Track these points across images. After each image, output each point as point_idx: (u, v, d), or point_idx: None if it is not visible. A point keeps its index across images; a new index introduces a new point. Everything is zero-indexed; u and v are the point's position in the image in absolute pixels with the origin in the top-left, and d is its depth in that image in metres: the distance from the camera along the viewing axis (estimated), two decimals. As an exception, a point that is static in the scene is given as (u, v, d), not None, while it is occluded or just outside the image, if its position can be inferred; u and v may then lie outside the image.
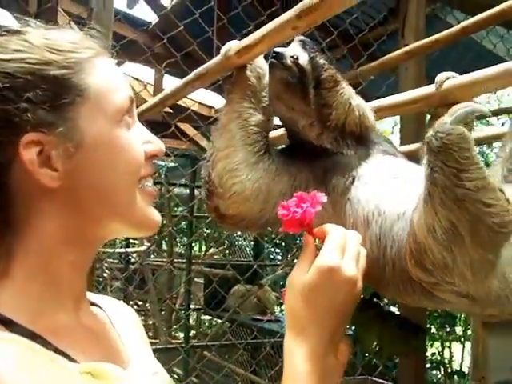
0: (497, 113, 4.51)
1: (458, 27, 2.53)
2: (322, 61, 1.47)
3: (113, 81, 0.97)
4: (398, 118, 4.12)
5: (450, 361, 7.26)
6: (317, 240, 1.07)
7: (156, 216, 1.03)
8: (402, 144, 3.10)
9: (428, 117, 1.67)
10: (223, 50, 1.56)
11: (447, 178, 1.12)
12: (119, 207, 0.96)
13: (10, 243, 0.90)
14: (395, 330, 1.34)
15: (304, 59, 1.45)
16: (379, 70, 3.21)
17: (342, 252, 1.01)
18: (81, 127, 0.90)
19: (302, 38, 1.50)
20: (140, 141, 0.99)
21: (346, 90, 1.50)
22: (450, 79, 1.55)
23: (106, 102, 0.94)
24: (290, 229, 1.04)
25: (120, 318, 1.13)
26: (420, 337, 1.36)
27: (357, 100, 1.52)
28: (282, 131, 1.84)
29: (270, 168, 1.50)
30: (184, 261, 5.68)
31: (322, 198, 1.04)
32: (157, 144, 1.02)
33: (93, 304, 1.08)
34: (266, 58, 1.55)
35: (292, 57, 1.44)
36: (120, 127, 0.95)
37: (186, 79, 1.84)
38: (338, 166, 1.45)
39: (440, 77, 1.57)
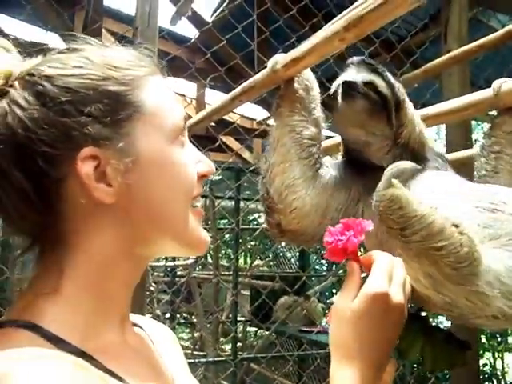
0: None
1: (502, 31, 2.50)
2: (396, 83, 1.49)
3: (168, 99, 0.98)
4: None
5: (503, 372, 7.05)
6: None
7: (206, 236, 1.02)
8: (448, 151, 3.06)
9: (474, 123, 1.67)
10: (270, 63, 1.58)
11: (397, 239, 1.20)
12: (172, 226, 0.96)
13: (60, 259, 0.90)
14: (439, 345, 1.33)
15: (381, 84, 1.45)
16: (423, 77, 3.19)
17: (389, 279, 1.00)
18: (137, 143, 0.91)
19: (360, 58, 1.49)
20: (193, 160, 0.99)
21: (410, 106, 1.52)
22: (506, 83, 1.55)
23: (162, 120, 0.95)
24: (334, 257, 1.04)
25: (160, 338, 1.13)
26: (466, 352, 1.34)
27: (416, 116, 1.54)
28: (332, 141, 1.85)
29: (328, 183, 1.52)
30: (230, 273, 5.71)
31: (369, 226, 1.03)
32: (207, 164, 1.02)
33: (133, 324, 1.08)
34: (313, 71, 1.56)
35: (367, 84, 1.44)
36: (175, 146, 0.96)
37: (232, 93, 1.86)
38: None
39: (497, 82, 1.56)
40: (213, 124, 5.62)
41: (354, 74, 1.46)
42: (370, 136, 1.48)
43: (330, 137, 1.70)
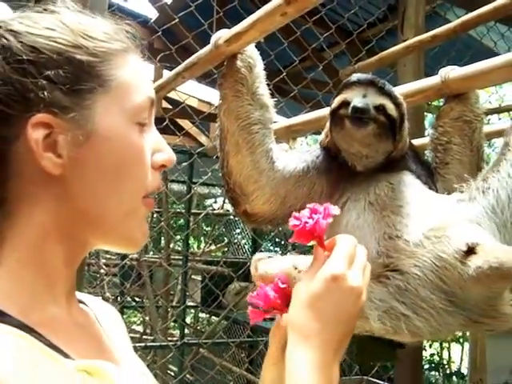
0: (498, 111, 4.48)
1: (457, 22, 2.49)
2: (398, 98, 1.49)
3: (137, 79, 0.94)
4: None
5: (449, 362, 7.21)
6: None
7: (146, 234, 0.98)
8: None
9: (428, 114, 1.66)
10: (213, 38, 1.54)
11: None
12: (113, 213, 0.91)
13: (1, 227, 0.86)
14: (367, 340, 1.37)
15: (390, 107, 1.45)
16: (377, 65, 3.18)
17: (349, 262, 0.99)
18: (94, 118, 0.87)
19: (368, 79, 1.48)
20: (152, 148, 0.95)
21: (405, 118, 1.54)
22: (453, 70, 1.54)
23: (126, 99, 0.91)
24: (301, 239, 1.03)
25: (105, 317, 1.09)
26: (396, 349, 1.39)
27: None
28: (278, 125, 1.83)
29: (289, 173, 1.57)
30: (180, 257, 5.65)
31: (335, 210, 1.03)
32: (168, 153, 0.98)
33: (79, 301, 1.04)
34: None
35: (377, 108, 1.43)
36: (135, 128, 0.91)
37: (176, 70, 1.81)
38: (354, 185, 1.51)
39: (445, 69, 1.56)
40: (169, 106, 5.56)
41: (361, 96, 1.44)
42: (372, 152, 1.49)
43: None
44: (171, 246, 6.51)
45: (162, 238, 7.88)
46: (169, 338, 5.36)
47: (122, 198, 0.91)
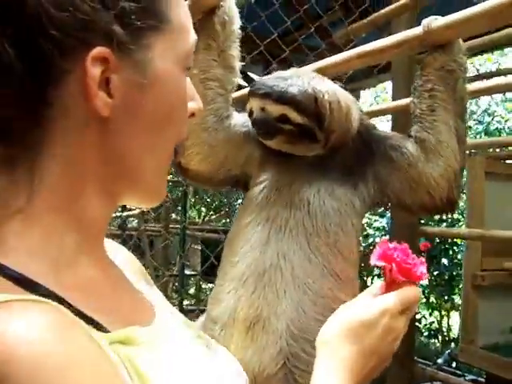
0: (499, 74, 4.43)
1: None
2: (321, 98, 1.39)
3: (188, 19, 0.87)
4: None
5: (448, 329, 7.26)
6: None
7: (166, 187, 0.94)
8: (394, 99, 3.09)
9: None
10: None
11: None
12: (157, 165, 0.86)
13: (31, 169, 0.75)
14: None
15: (293, 116, 1.38)
16: (371, 27, 3.15)
17: (404, 309, 1.00)
18: (152, 59, 0.79)
19: (263, 90, 1.40)
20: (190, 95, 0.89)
21: (342, 105, 1.45)
22: (436, 20, 1.52)
23: (181, 42, 0.83)
24: (396, 276, 0.99)
25: (123, 261, 1.00)
26: None
27: (349, 109, 1.47)
28: (241, 93, 1.83)
29: (233, 137, 1.55)
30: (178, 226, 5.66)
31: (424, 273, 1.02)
32: (198, 103, 0.91)
33: None
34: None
35: (278, 119, 1.38)
36: (183, 74, 0.85)
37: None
38: (280, 179, 1.48)
39: (427, 19, 1.54)
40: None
41: (260, 109, 1.40)
42: (295, 150, 1.48)
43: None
44: (174, 216, 6.53)
45: (162, 207, 7.89)
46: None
47: (160, 146, 0.85)
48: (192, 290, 8.33)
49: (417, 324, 6.88)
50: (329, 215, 1.42)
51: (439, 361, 5.28)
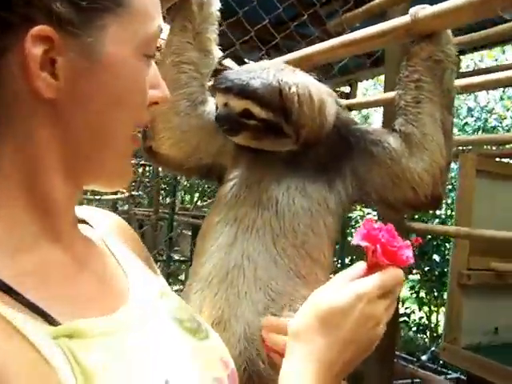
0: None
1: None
2: (289, 91, 1.32)
3: (153, 6, 0.82)
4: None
5: (437, 325, 7.26)
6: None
7: (131, 171, 0.89)
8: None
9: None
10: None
11: None
12: (107, 146, 0.82)
13: None
14: None
15: (255, 111, 1.32)
16: (365, 16, 3.08)
17: (384, 293, 0.92)
18: (103, 41, 0.75)
19: (224, 85, 1.34)
20: (151, 83, 0.85)
21: (314, 98, 1.36)
22: (424, 9, 1.47)
23: (140, 26, 0.79)
24: (380, 258, 0.92)
25: (112, 234, 0.97)
26: None
27: (322, 103, 1.39)
28: None
29: (207, 125, 1.49)
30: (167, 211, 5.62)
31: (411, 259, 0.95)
32: (163, 90, 0.88)
33: (80, 221, 0.92)
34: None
35: (242, 114, 1.33)
36: (141, 60, 0.81)
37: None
38: (250, 176, 1.43)
39: (415, 8, 1.48)
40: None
41: (223, 104, 1.35)
42: (264, 146, 1.42)
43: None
44: (165, 200, 6.49)
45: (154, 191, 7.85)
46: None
47: (113, 130, 0.82)
48: (182, 276, 8.32)
49: (406, 319, 6.90)
50: (298, 215, 1.36)
51: (423, 357, 5.27)
